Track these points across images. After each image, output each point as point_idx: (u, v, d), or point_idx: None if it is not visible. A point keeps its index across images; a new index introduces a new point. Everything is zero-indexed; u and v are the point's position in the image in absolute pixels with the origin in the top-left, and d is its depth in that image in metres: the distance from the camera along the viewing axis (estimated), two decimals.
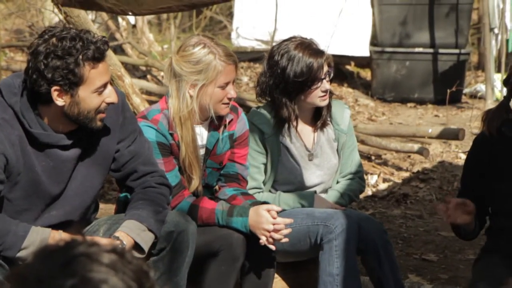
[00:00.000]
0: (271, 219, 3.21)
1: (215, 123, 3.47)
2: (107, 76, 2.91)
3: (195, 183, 3.39)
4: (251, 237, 3.35)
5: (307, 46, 3.57)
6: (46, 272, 1.19)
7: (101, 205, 3.69)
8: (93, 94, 2.83)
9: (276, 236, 3.24)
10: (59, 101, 2.77)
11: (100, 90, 2.85)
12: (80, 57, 2.73)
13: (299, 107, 3.63)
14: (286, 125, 3.67)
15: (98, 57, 2.77)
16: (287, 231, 3.28)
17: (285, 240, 3.32)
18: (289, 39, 3.69)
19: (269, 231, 3.23)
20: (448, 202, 3.11)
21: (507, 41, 8.34)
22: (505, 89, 3.40)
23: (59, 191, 2.99)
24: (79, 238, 1.26)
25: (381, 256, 3.49)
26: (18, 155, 2.85)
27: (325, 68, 3.63)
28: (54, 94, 2.76)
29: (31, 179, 2.93)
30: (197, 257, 3.27)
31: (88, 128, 2.95)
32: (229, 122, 3.50)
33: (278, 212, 3.36)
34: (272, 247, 3.32)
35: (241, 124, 3.54)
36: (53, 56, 2.74)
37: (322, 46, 3.78)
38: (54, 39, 2.76)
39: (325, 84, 3.60)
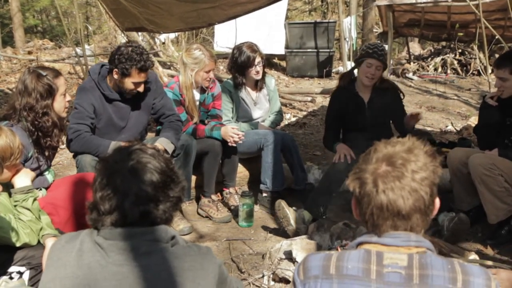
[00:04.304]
0: (231, 131, 3.74)
1: (203, 89, 3.87)
2: (143, 79, 3.25)
3: (195, 119, 3.84)
4: (224, 143, 3.77)
5: (250, 47, 4.01)
6: (118, 157, 1.51)
7: (149, 133, 3.95)
8: (131, 83, 3.26)
9: (236, 139, 3.73)
10: (115, 76, 3.25)
11: (136, 83, 3.26)
12: (134, 65, 3.18)
13: (245, 78, 4.08)
14: (241, 87, 4.10)
15: (142, 69, 3.20)
16: (240, 137, 3.74)
17: (240, 141, 3.74)
18: (243, 43, 4.10)
19: (232, 137, 3.71)
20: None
21: (353, 45, 10.29)
22: (352, 64, 3.86)
23: (123, 125, 3.41)
24: (136, 143, 1.58)
25: (292, 152, 4.00)
26: (100, 105, 3.29)
27: (258, 59, 3.99)
28: (114, 72, 3.22)
29: (107, 117, 3.33)
30: (197, 156, 3.69)
31: (124, 94, 3.32)
32: (210, 88, 3.88)
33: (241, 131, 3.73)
34: (234, 145, 3.77)
35: (217, 89, 3.95)
36: (122, 57, 3.19)
37: (260, 48, 4.09)
38: (130, 49, 3.19)
39: (257, 68, 4.00)
